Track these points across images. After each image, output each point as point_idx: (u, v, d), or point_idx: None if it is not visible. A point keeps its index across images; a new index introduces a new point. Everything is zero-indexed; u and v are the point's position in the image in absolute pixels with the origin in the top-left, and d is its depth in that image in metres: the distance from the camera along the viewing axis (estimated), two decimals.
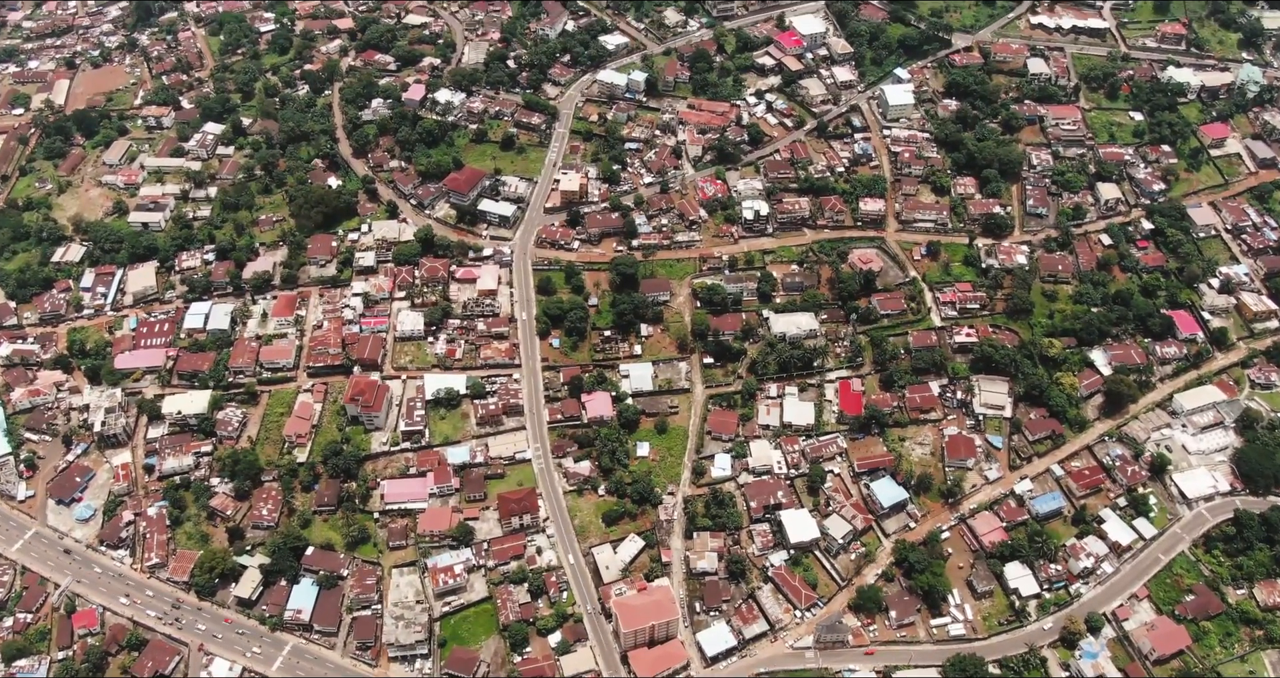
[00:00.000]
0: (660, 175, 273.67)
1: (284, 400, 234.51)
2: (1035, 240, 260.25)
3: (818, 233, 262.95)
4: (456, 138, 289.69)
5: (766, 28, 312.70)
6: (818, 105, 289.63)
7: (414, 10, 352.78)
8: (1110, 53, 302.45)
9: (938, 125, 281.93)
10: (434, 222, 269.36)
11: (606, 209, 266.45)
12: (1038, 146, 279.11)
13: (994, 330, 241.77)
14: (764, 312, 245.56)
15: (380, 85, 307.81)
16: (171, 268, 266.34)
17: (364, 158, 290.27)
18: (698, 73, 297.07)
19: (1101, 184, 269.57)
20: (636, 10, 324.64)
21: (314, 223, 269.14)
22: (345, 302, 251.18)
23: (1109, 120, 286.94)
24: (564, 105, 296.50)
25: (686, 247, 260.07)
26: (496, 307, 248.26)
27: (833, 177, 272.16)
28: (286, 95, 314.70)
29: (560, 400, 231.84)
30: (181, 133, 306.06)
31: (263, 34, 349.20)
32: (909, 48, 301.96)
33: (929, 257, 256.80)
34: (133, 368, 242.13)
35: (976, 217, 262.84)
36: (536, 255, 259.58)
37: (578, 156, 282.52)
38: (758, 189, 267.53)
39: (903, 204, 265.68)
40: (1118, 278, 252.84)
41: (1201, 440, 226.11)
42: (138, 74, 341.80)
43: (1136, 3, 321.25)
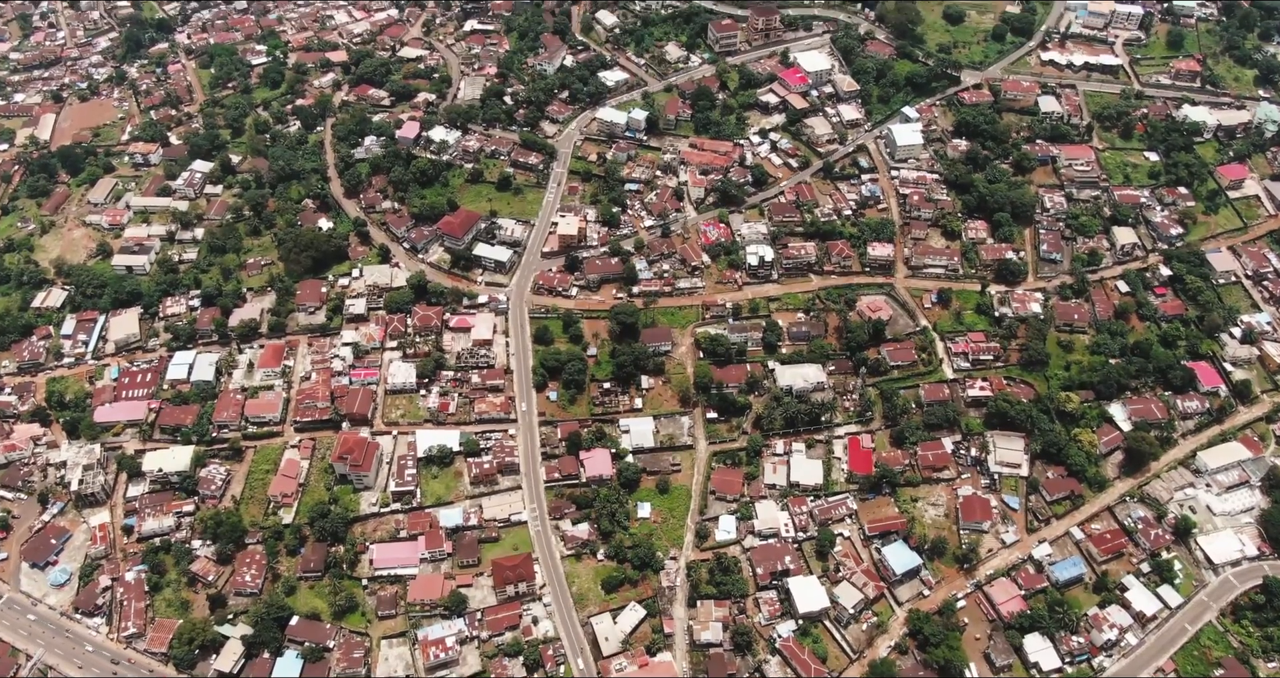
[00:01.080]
0: (661, 218, 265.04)
1: (269, 457, 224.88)
2: (1050, 287, 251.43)
3: (824, 279, 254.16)
4: (451, 178, 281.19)
5: (770, 64, 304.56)
6: (823, 145, 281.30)
7: (410, 43, 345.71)
8: (1124, 91, 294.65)
9: (947, 166, 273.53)
10: (427, 266, 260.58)
11: (606, 254, 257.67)
12: (1051, 188, 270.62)
13: (1008, 383, 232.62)
14: (769, 363, 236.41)
15: (374, 122, 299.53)
16: (155, 314, 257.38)
17: (356, 198, 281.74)
18: (700, 111, 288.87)
19: (1117, 228, 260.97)
20: (637, 45, 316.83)
21: (303, 267, 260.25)
22: (334, 352, 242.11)
23: (1123, 161, 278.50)
24: (562, 144, 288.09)
25: (689, 293, 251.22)
26: (492, 357, 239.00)
27: (839, 220, 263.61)
28: (277, 132, 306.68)
29: (558, 458, 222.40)
30: (169, 171, 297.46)
31: (254, 67, 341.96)
32: (916, 85, 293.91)
33: (940, 304, 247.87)
34: (113, 421, 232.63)
35: (989, 262, 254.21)
36: (533, 302, 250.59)
37: (576, 198, 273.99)
38: (762, 233, 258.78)
39: (912, 249, 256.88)
40: (1136, 327, 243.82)
41: (1227, 501, 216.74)
42: (126, 108, 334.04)
43: (1149, 38, 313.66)
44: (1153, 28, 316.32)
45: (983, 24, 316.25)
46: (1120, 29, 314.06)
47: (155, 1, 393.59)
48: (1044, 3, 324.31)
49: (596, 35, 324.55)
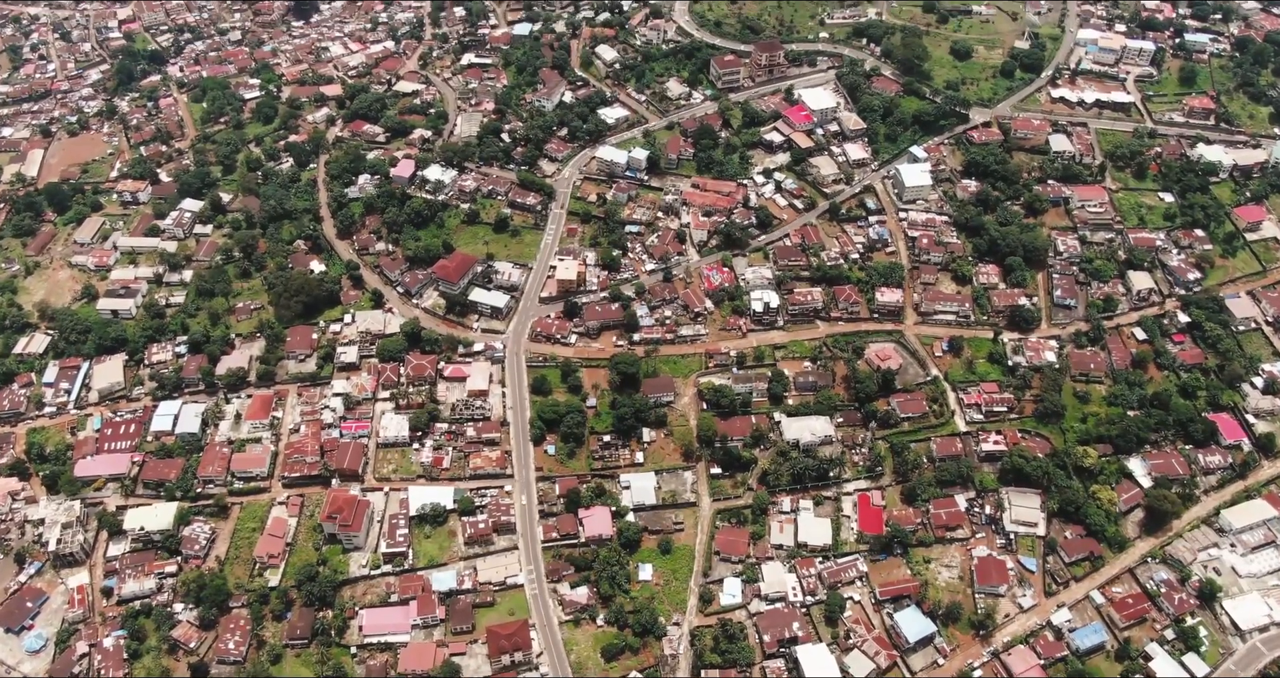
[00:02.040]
0: (663, 262, 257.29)
1: (256, 515, 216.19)
2: (1064, 335, 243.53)
3: (831, 326, 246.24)
4: (447, 218, 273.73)
5: (774, 101, 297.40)
6: (829, 185, 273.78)
7: (406, 76, 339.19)
8: (1137, 129, 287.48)
9: (957, 207, 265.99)
10: (422, 312, 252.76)
11: (606, 299, 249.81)
12: (1063, 231, 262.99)
13: (1023, 436, 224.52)
14: (775, 415, 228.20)
15: (368, 160, 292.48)
16: (141, 361, 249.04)
17: (349, 239, 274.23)
18: (702, 149, 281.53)
19: (1133, 273, 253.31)
20: (637, 81, 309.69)
21: (294, 313, 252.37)
22: (325, 403, 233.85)
23: (1137, 202, 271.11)
24: (561, 183, 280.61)
25: (691, 341, 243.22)
26: (487, 409, 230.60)
27: (846, 264, 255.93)
28: (269, 169, 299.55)
29: (556, 516, 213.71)
30: (158, 209, 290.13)
31: (247, 101, 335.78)
32: (924, 123, 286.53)
33: (951, 352, 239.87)
34: (94, 476, 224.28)
35: (1001, 309, 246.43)
36: (531, 350, 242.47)
37: (575, 240, 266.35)
38: (767, 278, 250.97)
39: (922, 294, 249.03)
40: (1154, 377, 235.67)
41: (1252, 562, 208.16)
42: (115, 143, 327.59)
43: (1161, 75, 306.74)
44: (1164, 63, 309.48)
45: (991, 60, 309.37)
46: (1131, 65, 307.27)
47: (148, 33, 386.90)
48: (1053, 38, 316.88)
49: (596, 70, 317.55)
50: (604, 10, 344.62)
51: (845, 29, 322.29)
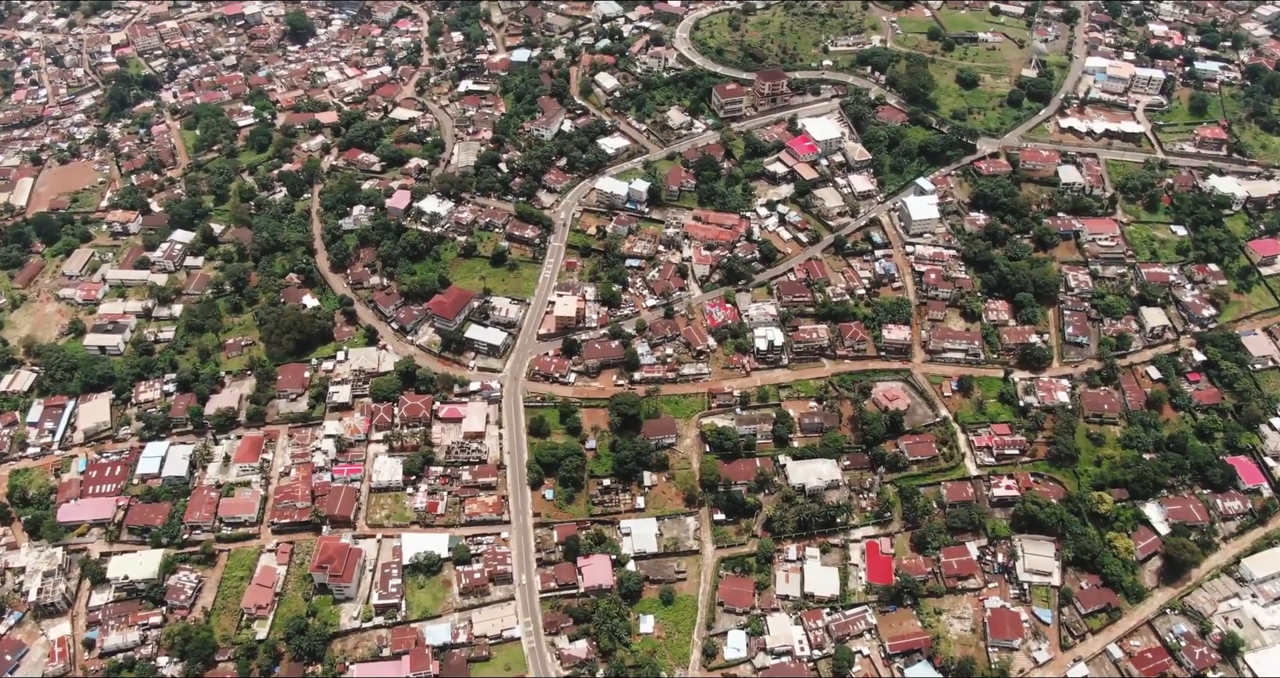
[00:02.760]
0: (664, 297, 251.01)
1: (244, 563, 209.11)
2: (1077, 374, 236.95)
3: (838, 364, 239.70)
4: (443, 252, 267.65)
5: (777, 131, 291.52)
6: (834, 218, 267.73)
7: (402, 103, 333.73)
8: (1148, 160, 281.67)
9: (965, 241, 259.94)
10: (417, 349, 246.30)
11: (606, 337, 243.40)
12: (1074, 266, 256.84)
13: (1036, 480, 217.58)
14: (780, 458, 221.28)
15: (363, 190, 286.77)
16: (128, 400, 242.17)
17: (343, 272, 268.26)
18: (704, 181, 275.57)
19: (1146, 309, 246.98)
20: (638, 110, 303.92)
21: (285, 350, 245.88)
22: (316, 444, 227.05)
23: (1149, 235, 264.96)
24: (560, 216, 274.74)
25: (694, 380, 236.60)
26: (484, 451, 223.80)
27: (852, 299, 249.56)
28: (262, 199, 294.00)
29: (554, 565, 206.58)
30: (148, 241, 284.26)
31: (240, 129, 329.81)
32: (931, 154, 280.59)
33: (960, 392, 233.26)
34: (78, 521, 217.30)
35: (1011, 346, 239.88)
36: (528, 390, 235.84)
37: (574, 274, 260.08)
38: (771, 314, 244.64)
39: (930, 332, 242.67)
40: (1170, 418, 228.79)
41: (1275, 613, 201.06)
42: (106, 172, 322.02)
43: (1171, 104, 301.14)
44: (1174, 92, 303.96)
45: (998, 89, 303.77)
46: (1141, 94, 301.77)
47: (142, 58, 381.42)
48: (1061, 66, 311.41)
49: (596, 99, 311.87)
50: (604, 37, 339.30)
51: (849, 57, 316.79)
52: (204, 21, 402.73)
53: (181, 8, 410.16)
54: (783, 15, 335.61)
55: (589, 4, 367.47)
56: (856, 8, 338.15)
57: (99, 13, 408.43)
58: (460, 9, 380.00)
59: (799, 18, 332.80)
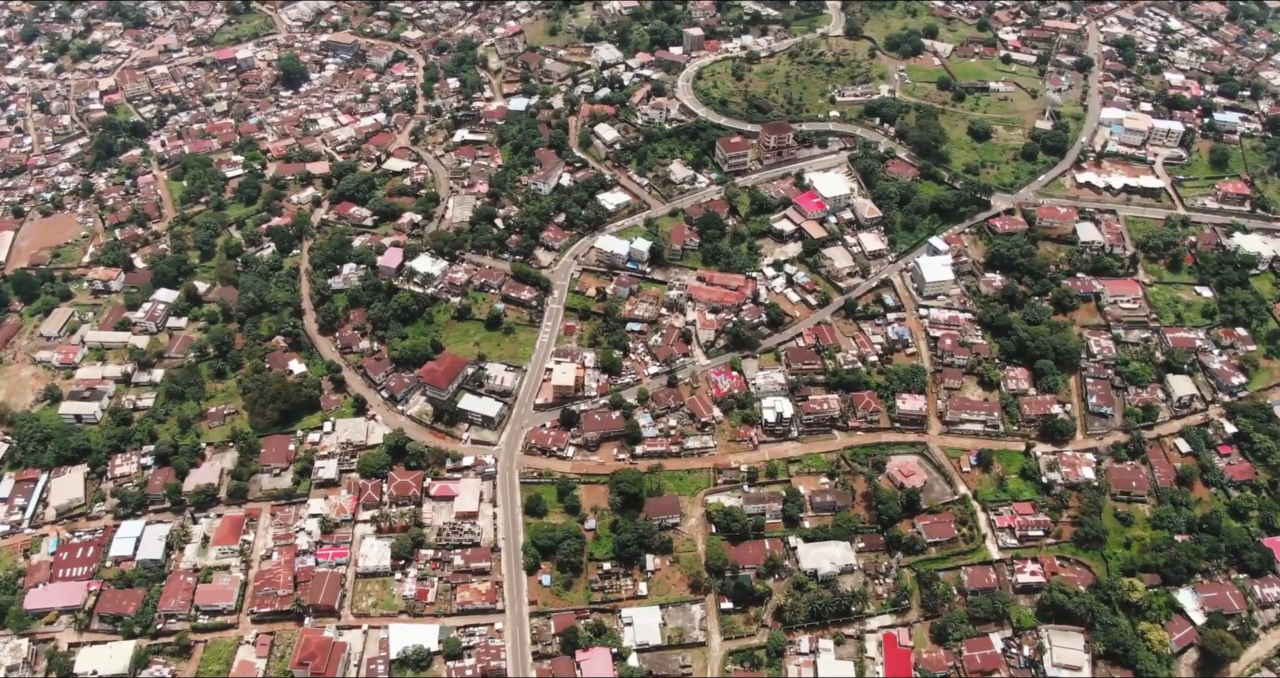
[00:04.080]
0: (667, 364, 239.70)
1: (221, 655, 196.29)
2: (1102, 447, 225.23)
3: (849, 437, 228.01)
4: (436, 314, 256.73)
5: (784, 186, 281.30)
6: (844, 278, 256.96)
7: (396, 153, 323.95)
8: (1169, 217, 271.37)
9: (981, 304, 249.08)
10: (407, 419, 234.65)
11: (606, 407, 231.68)
12: (1096, 330, 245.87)
13: (1062, 564, 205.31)
14: (791, 540, 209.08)
15: (354, 248, 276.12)
16: (103, 474, 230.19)
17: (332, 335, 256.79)
18: (708, 239, 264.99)
19: (1172, 376, 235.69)
20: (639, 163, 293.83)
21: (270, 420, 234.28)
22: (300, 525, 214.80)
23: (1173, 297, 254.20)
24: (558, 276, 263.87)
25: (698, 454, 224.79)
26: (477, 533, 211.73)
27: (864, 366, 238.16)
28: (249, 256, 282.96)
29: (551, 659, 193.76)
30: (130, 300, 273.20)
31: (229, 180, 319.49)
32: (943, 211, 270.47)
33: (980, 467, 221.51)
34: (47, 608, 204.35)
35: (1032, 418, 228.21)
36: (525, 465, 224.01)
37: (573, 339, 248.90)
38: (779, 383, 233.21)
39: (946, 402, 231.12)
40: (1202, 495, 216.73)
41: None
42: (90, 225, 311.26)
43: (1191, 157, 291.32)
44: (1194, 145, 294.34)
45: (1011, 141, 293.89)
46: (1159, 146, 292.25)
47: (131, 104, 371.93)
48: (1075, 118, 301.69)
49: (595, 151, 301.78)
50: (603, 85, 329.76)
51: (857, 108, 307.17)
52: (195, 66, 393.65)
53: (172, 52, 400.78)
54: (788, 64, 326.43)
55: (588, 50, 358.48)
56: (863, 56, 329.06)
57: (88, 57, 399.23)
58: (457, 55, 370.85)
59: (804, 67, 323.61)
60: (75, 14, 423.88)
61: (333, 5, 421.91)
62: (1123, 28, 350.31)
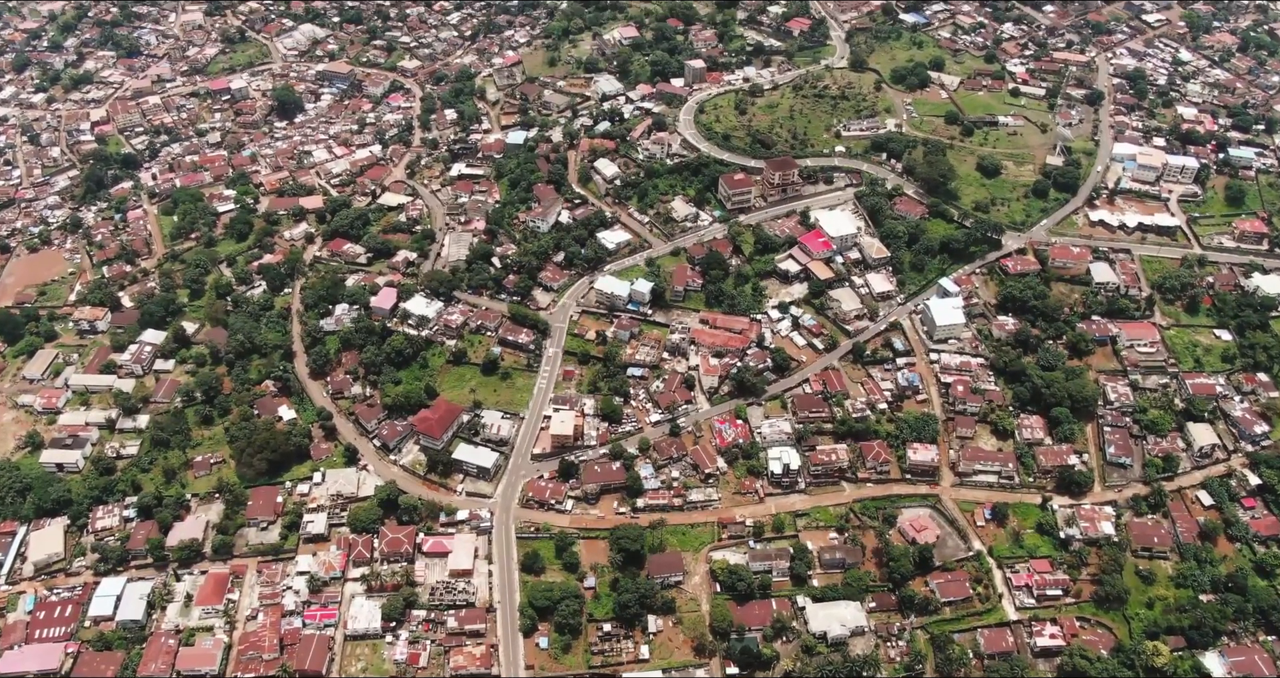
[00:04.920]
0: (670, 412, 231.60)
1: None
2: (1121, 500, 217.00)
3: (859, 488, 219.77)
4: (431, 357, 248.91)
5: (789, 225, 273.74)
6: (851, 321, 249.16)
7: (392, 187, 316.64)
8: (1185, 257, 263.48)
9: (993, 348, 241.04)
10: (400, 470, 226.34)
11: (606, 457, 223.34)
12: (1113, 375, 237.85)
13: (1082, 626, 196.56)
14: (799, 599, 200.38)
15: (346, 288, 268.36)
16: (84, 527, 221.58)
17: (323, 379, 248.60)
18: (711, 280, 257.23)
19: (1192, 425, 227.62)
20: (640, 200, 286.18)
21: (257, 471, 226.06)
22: (287, 583, 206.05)
23: (1191, 341, 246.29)
24: (556, 317, 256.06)
25: (702, 507, 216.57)
26: (471, 592, 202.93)
27: (873, 414, 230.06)
28: (239, 296, 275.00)
29: None
30: (116, 341, 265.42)
31: (220, 215, 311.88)
32: (953, 251, 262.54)
33: (995, 521, 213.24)
34: (21, 673, 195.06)
35: (1048, 469, 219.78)
36: (521, 519, 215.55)
37: (572, 385, 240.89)
38: (786, 432, 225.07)
39: (959, 452, 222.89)
40: (1226, 551, 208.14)
41: None
42: (77, 262, 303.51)
43: (1206, 193, 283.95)
44: (1209, 181, 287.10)
45: (1021, 177, 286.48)
46: (1173, 183, 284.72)
47: (122, 135, 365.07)
48: (1087, 153, 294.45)
49: (595, 187, 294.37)
50: (603, 118, 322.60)
51: (863, 142, 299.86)
52: (189, 96, 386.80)
53: (166, 82, 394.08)
54: (792, 97, 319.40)
55: (588, 81, 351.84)
56: (869, 89, 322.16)
57: (80, 87, 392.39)
58: (454, 85, 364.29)
59: (809, 100, 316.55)
60: (68, 43, 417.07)
61: (329, 34, 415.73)
62: (1133, 60, 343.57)
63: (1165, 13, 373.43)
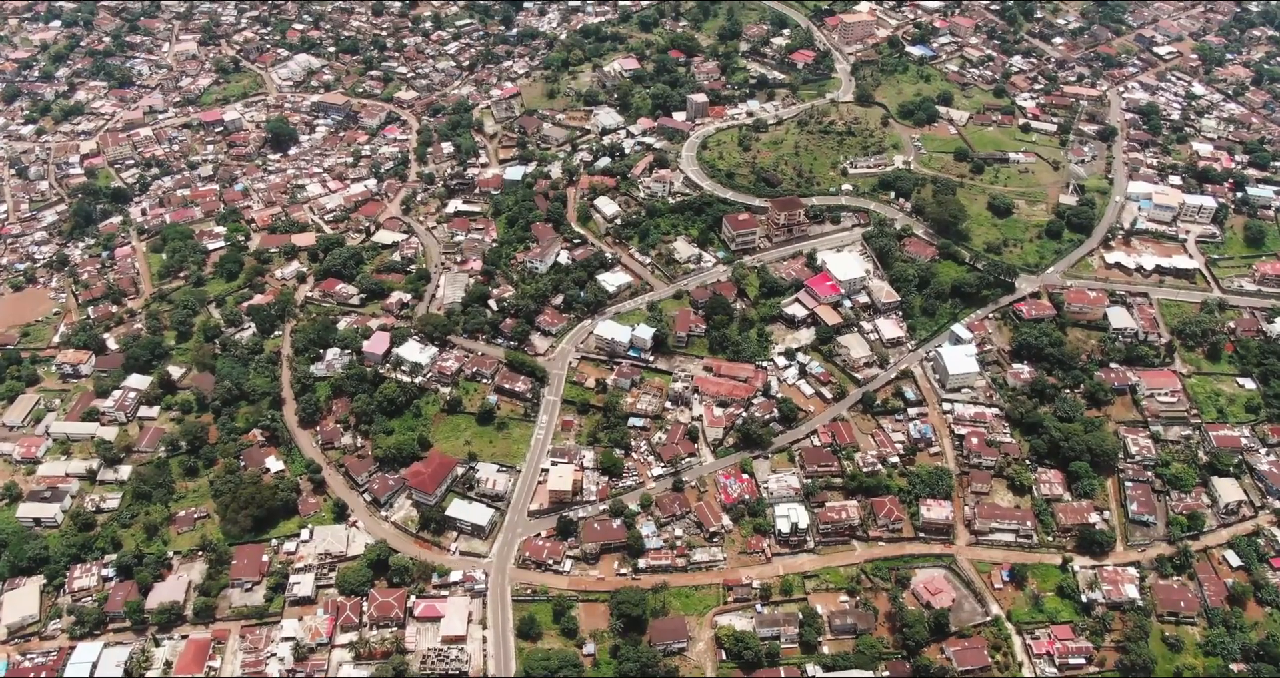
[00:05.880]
0: (672, 466, 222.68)
1: None
2: (1144, 560, 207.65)
3: (870, 547, 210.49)
4: (424, 406, 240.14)
5: (795, 267, 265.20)
6: (861, 369, 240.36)
7: (386, 223, 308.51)
8: (1205, 301, 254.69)
9: (1008, 398, 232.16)
10: (391, 526, 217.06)
11: (606, 514, 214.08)
12: (1133, 427, 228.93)
13: None
14: (809, 667, 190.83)
15: (338, 331, 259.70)
16: (61, 587, 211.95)
17: (313, 428, 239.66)
18: (715, 326, 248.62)
19: (1217, 479, 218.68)
20: (641, 240, 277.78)
21: (242, 527, 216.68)
22: (271, 649, 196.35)
23: (1214, 389, 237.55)
24: (555, 364, 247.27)
25: (707, 568, 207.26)
26: (465, 660, 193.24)
27: (884, 468, 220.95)
28: (228, 339, 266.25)
29: None
30: (100, 386, 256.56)
31: (210, 253, 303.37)
32: (965, 294, 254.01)
33: (1013, 583, 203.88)
34: None
35: (1068, 527, 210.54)
36: (518, 580, 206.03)
37: (570, 436, 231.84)
38: (793, 488, 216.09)
39: (974, 509, 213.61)
40: (1256, 616, 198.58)
41: None
42: (63, 301, 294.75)
43: (1224, 234, 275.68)
44: (1227, 221, 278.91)
45: (1034, 217, 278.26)
46: (1191, 223, 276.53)
47: (112, 168, 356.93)
48: (1101, 192, 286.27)
49: (595, 226, 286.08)
50: (604, 154, 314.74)
51: (870, 180, 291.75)
52: (181, 127, 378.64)
53: (158, 113, 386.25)
54: (796, 133, 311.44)
55: (587, 114, 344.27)
56: (876, 124, 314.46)
57: (70, 119, 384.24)
58: (452, 117, 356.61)
59: (814, 136, 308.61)
60: (59, 73, 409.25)
61: (325, 64, 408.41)
62: (1145, 93, 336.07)
63: (1176, 45, 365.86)
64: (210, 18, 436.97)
